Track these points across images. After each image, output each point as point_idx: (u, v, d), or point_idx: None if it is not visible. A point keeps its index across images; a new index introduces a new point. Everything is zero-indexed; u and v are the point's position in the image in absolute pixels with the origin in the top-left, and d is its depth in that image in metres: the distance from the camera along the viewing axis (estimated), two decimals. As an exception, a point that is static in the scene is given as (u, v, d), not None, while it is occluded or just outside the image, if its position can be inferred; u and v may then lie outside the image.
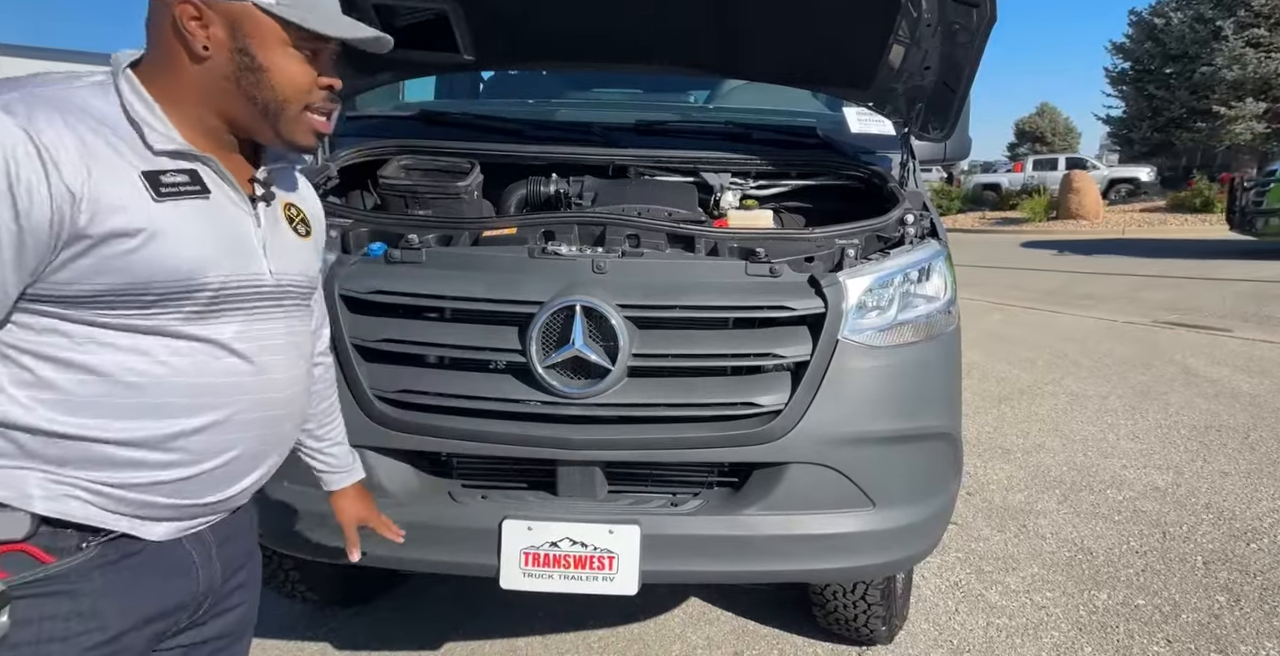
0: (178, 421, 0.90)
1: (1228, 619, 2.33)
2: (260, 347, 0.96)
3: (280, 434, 1.04)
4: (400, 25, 1.78)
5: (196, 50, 0.88)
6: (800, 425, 1.55)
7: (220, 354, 0.93)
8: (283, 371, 1.00)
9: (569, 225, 1.71)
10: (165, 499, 0.93)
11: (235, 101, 0.91)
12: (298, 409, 1.06)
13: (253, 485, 1.03)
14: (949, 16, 1.65)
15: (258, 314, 0.96)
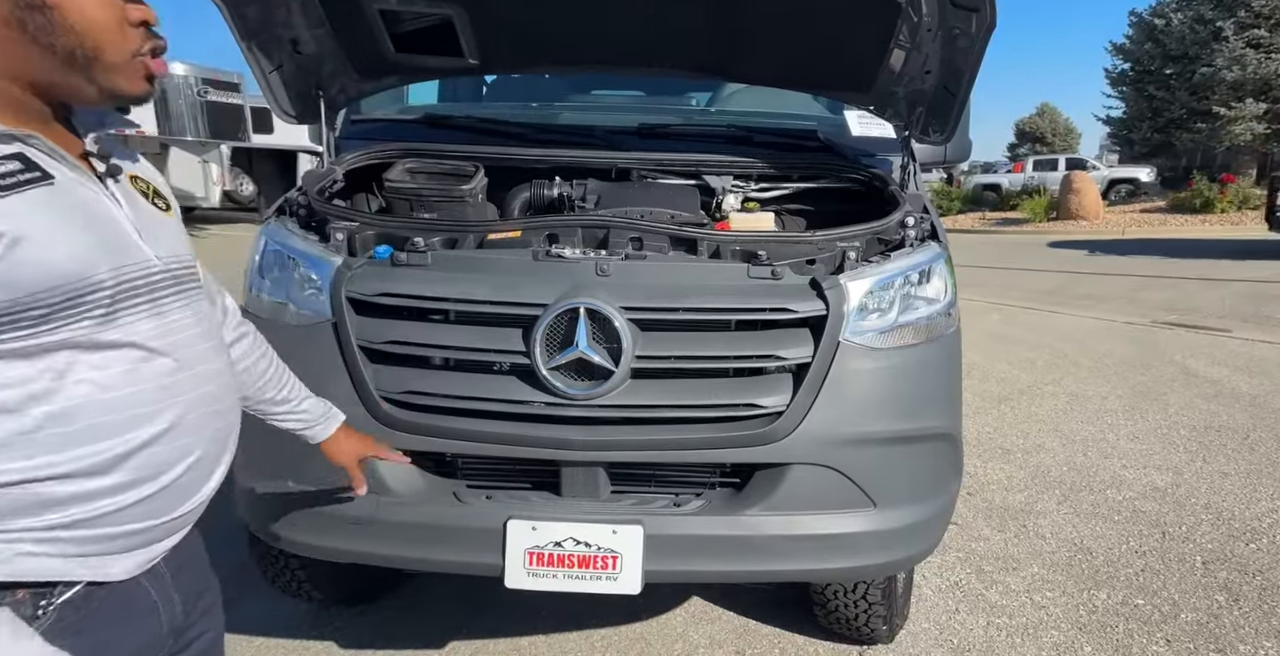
0: (123, 439, 0.82)
1: (1227, 618, 2.35)
2: (180, 341, 0.89)
3: (230, 425, 0.99)
4: (406, 31, 1.79)
5: None
6: (802, 426, 1.56)
7: (144, 356, 0.84)
8: (211, 361, 0.93)
9: (573, 228, 1.72)
10: (135, 524, 0.86)
11: (31, 57, 0.77)
12: (235, 396, 1.01)
13: (216, 486, 0.98)
14: (949, 21, 1.67)
15: (163, 306, 0.87)
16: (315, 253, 1.65)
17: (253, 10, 1.67)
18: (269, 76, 1.82)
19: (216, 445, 0.95)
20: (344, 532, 1.57)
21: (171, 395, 0.87)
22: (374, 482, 1.57)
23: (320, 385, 1.55)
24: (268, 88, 1.85)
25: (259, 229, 1.81)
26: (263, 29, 1.73)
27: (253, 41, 1.72)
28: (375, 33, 1.79)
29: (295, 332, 1.61)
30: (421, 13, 1.61)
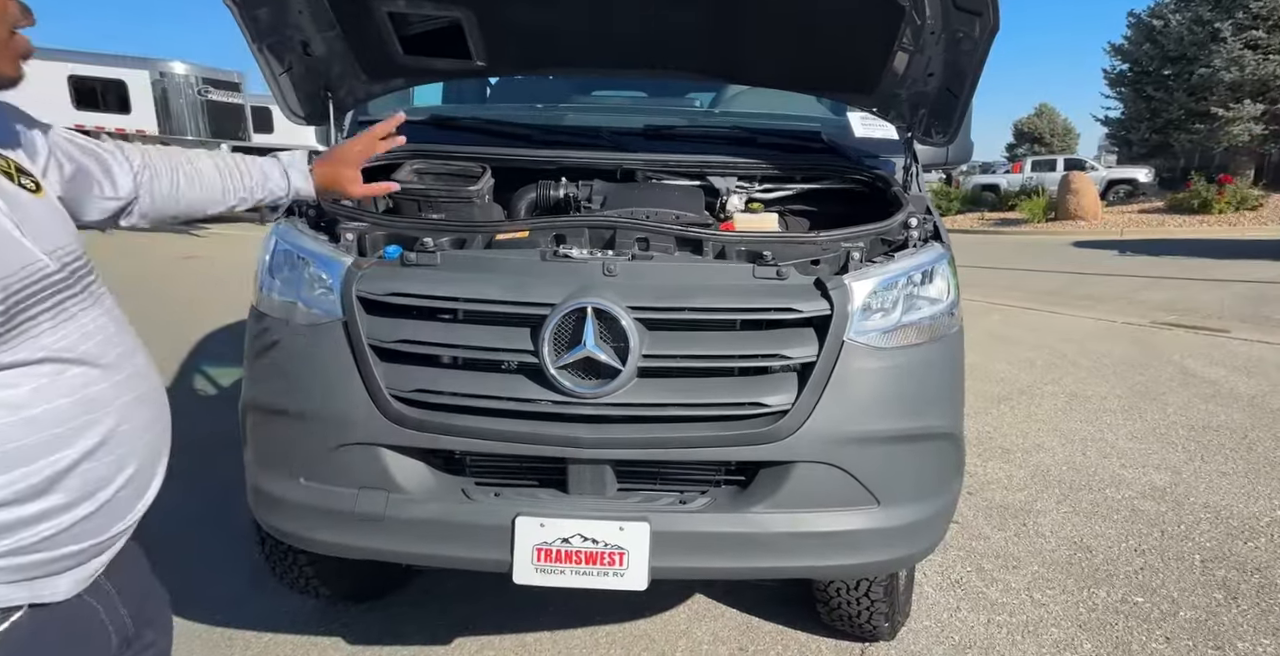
0: (51, 460, 0.77)
1: (1225, 616, 2.37)
2: (98, 345, 0.81)
3: (164, 431, 0.92)
4: (414, 33, 1.81)
5: None
6: (807, 425, 1.58)
7: (57, 369, 0.77)
8: (132, 359, 0.86)
9: (580, 228, 1.73)
10: (73, 545, 0.81)
11: None
12: (164, 397, 0.93)
13: (153, 497, 0.92)
14: (953, 24, 1.69)
15: (68, 309, 0.80)
16: (325, 252, 1.66)
17: (264, 13, 1.69)
18: (279, 78, 1.84)
19: (151, 454, 0.89)
20: (355, 529, 1.59)
21: (98, 406, 0.80)
22: (384, 479, 1.60)
23: (331, 383, 1.58)
24: (278, 89, 1.87)
25: (269, 229, 1.82)
26: (274, 31, 1.74)
27: (263, 44, 1.74)
28: (384, 35, 1.81)
29: (306, 332, 1.62)
30: (431, 15, 1.63)
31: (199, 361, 5.23)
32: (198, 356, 5.39)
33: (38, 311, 0.76)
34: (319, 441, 1.59)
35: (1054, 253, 12.88)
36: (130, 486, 0.87)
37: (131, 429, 0.85)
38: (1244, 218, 16.32)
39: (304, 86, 1.92)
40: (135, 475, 0.87)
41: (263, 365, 1.69)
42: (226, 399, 4.46)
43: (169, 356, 5.32)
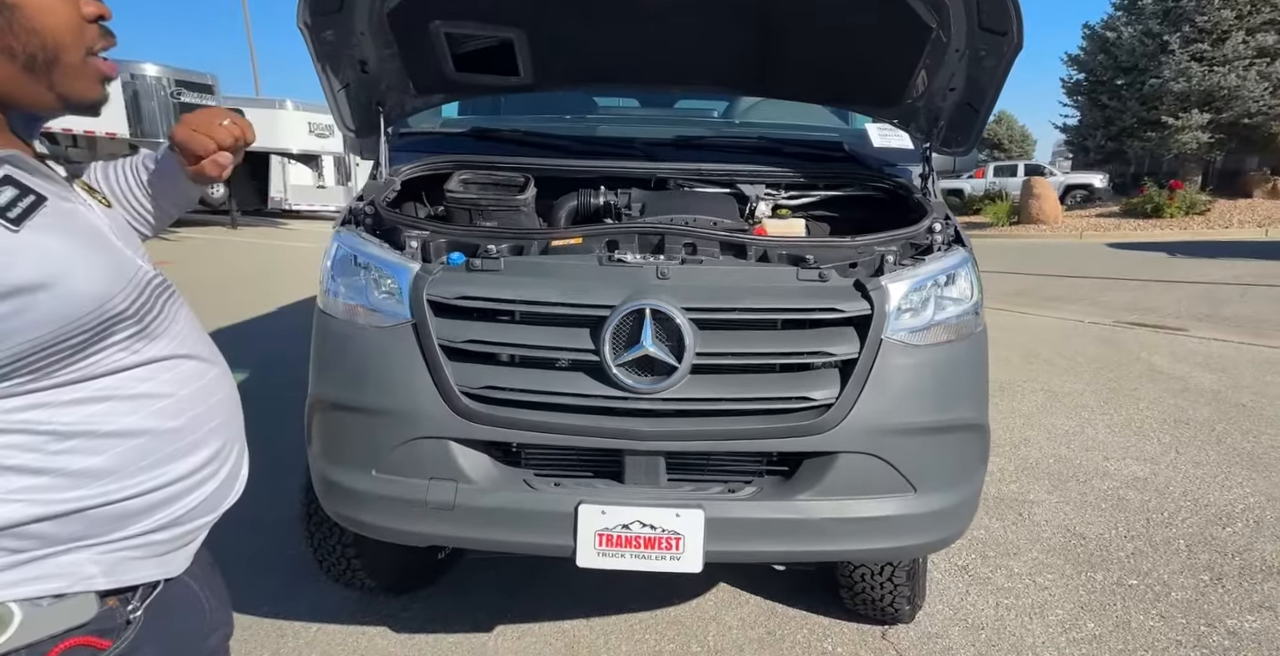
0: (192, 441, 0.86)
1: (1213, 595, 2.54)
2: (197, 342, 0.90)
3: (241, 416, 0.99)
4: (467, 51, 1.89)
5: None
6: (849, 417, 1.69)
7: (180, 363, 0.86)
8: (219, 355, 0.94)
9: (630, 235, 1.83)
10: (202, 518, 0.90)
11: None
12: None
13: (247, 475, 1.01)
14: (976, 44, 1.82)
15: (171, 310, 0.87)
16: (393, 259, 1.74)
17: (331, 35, 1.76)
18: (336, 94, 1.91)
19: (242, 436, 0.99)
20: (427, 517, 1.66)
21: (211, 392, 0.89)
22: (453, 471, 1.67)
23: (403, 381, 1.65)
24: (334, 104, 1.93)
25: (331, 236, 1.88)
26: (337, 51, 1.81)
27: (327, 63, 1.81)
28: (439, 53, 1.89)
29: (376, 333, 1.69)
30: (486, 35, 1.71)
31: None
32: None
33: (155, 313, 0.85)
34: (392, 435, 1.66)
35: (1089, 255, 12.96)
36: (237, 462, 0.95)
37: (231, 412, 0.94)
38: (1194, 221, 17.05)
39: (358, 101, 1.99)
40: (241, 453, 0.96)
41: (332, 365, 1.75)
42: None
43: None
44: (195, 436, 0.87)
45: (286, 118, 14.23)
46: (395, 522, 1.70)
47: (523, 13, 1.83)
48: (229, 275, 9.13)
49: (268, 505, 3.03)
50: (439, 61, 1.94)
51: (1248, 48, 17.52)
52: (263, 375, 4.88)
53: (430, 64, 1.94)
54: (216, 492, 0.92)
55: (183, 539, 0.89)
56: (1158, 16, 18.78)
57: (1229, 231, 16.01)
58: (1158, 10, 18.79)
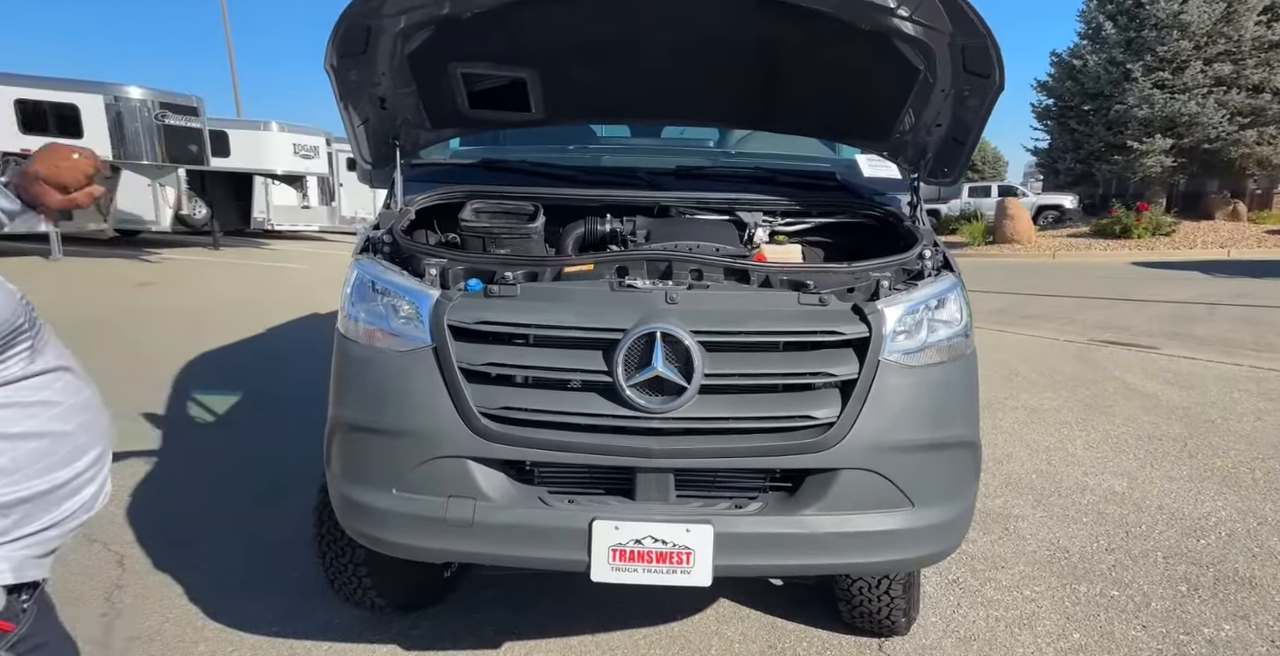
0: (80, 444, 0.97)
1: (1190, 605, 2.65)
2: (68, 356, 1.02)
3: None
4: (481, 89, 1.98)
5: None
6: (850, 435, 1.77)
7: (63, 374, 0.98)
8: (82, 368, 1.06)
9: (639, 261, 1.91)
10: (82, 516, 1.00)
11: None
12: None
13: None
14: (961, 85, 1.95)
15: (43, 327, 0.99)
16: (414, 286, 1.81)
17: (355, 75, 1.85)
18: (356, 129, 1.99)
19: (108, 443, 1.08)
20: (446, 534, 1.71)
21: (90, 402, 1.01)
22: (471, 489, 1.73)
23: (424, 402, 1.71)
24: (354, 139, 2.02)
25: (351, 263, 1.95)
26: (359, 90, 1.90)
27: (349, 101, 1.90)
28: (455, 91, 1.98)
29: (397, 357, 1.75)
30: (500, 74, 1.80)
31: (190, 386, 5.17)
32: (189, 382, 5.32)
33: (37, 329, 0.97)
34: (412, 455, 1.72)
35: (1063, 274, 13.10)
36: (107, 470, 1.05)
37: (106, 421, 1.05)
38: (1160, 242, 17.57)
39: (376, 136, 2.07)
40: (109, 461, 1.06)
41: (354, 388, 1.81)
42: (227, 426, 4.44)
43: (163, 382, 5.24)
44: (83, 440, 0.98)
45: (271, 139, 14.25)
46: (415, 539, 1.75)
47: (536, 55, 1.93)
48: (213, 296, 9.08)
49: (270, 525, 3.06)
50: (454, 98, 2.03)
51: (1205, 77, 18.22)
52: (256, 399, 4.88)
53: (446, 101, 2.04)
54: (94, 495, 1.01)
55: (63, 538, 0.98)
56: (1120, 46, 19.48)
57: (1193, 251, 16.51)
58: (1120, 40, 19.49)
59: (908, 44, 1.93)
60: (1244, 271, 13.06)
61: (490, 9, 1.86)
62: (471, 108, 2.07)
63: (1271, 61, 18.06)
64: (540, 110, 2.03)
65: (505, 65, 1.88)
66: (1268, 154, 18.85)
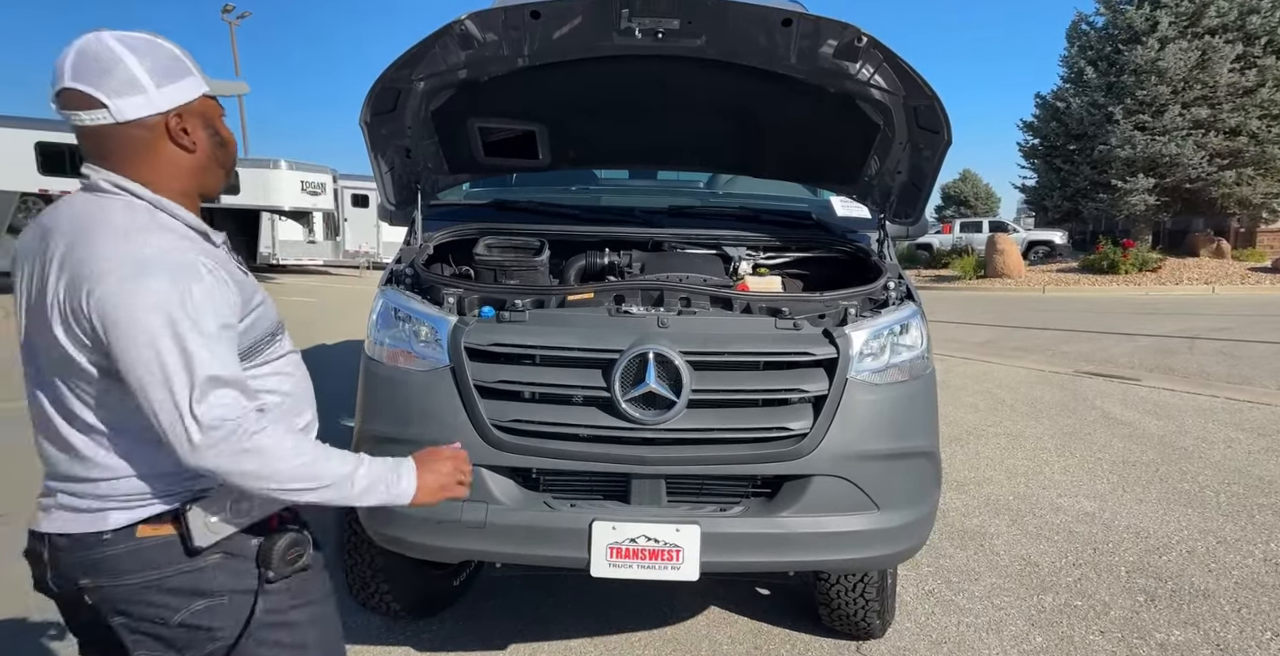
0: (308, 405, 1.30)
1: (1146, 614, 2.84)
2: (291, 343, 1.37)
3: None
4: (495, 140, 2.27)
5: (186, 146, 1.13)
6: (821, 445, 2.00)
7: (293, 356, 1.29)
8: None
9: (635, 290, 2.17)
10: None
11: (215, 175, 1.20)
12: None
13: None
14: (915, 138, 2.23)
15: (284, 327, 1.29)
16: (434, 313, 2.06)
17: (385, 130, 2.14)
18: (384, 175, 2.28)
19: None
20: (462, 535, 1.93)
21: (304, 373, 1.31)
22: (484, 494, 1.95)
23: (443, 416, 1.94)
24: (381, 185, 2.30)
25: (376, 293, 2.20)
26: (387, 142, 2.19)
27: (378, 151, 2.18)
28: (472, 142, 2.26)
29: (419, 376, 1.99)
30: (513, 128, 2.07)
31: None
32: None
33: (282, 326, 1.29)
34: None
35: (1051, 308, 13.64)
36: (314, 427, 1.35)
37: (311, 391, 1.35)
38: (1147, 278, 17.94)
39: (400, 181, 2.35)
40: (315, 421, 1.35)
41: (380, 404, 2.04)
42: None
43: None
44: (304, 402, 1.29)
45: (279, 177, 14.66)
46: (433, 540, 1.96)
47: (544, 111, 2.22)
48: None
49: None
50: (471, 148, 2.31)
51: (1184, 120, 18.81)
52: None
53: (463, 150, 2.32)
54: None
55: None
56: (1102, 89, 20.15)
57: (1179, 287, 16.86)
58: (1101, 84, 20.17)
59: (869, 104, 2.22)
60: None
61: (505, 74, 2.15)
62: (486, 156, 2.35)
63: (1247, 106, 18.67)
64: (547, 158, 2.30)
65: (517, 120, 2.16)
66: (1247, 194, 19.36)
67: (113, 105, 1.07)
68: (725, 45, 2.09)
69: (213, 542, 1.12)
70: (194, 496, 1.13)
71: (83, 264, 1.03)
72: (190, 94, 1.13)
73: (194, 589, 1.11)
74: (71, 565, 1.09)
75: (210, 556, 1.12)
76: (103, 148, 1.11)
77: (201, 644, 1.13)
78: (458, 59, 2.09)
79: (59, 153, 11.28)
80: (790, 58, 2.10)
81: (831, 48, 2.03)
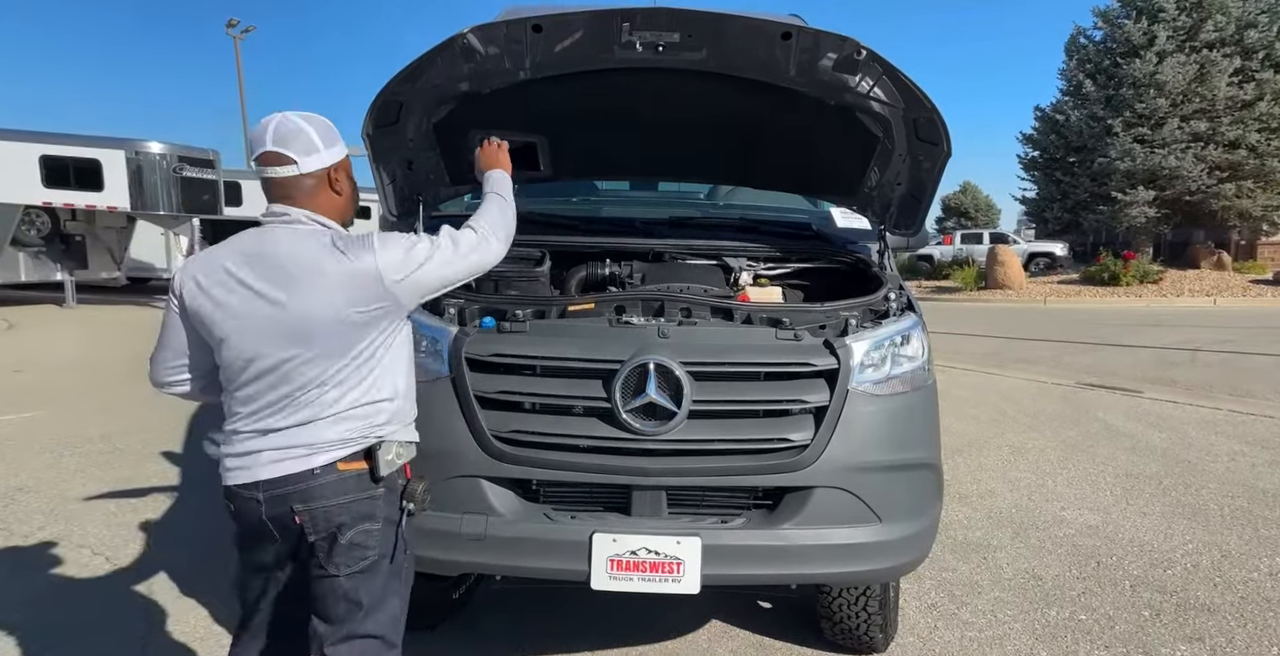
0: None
1: (1151, 629, 2.81)
2: None
3: None
4: None
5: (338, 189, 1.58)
6: (823, 457, 1.99)
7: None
8: None
9: (635, 301, 2.16)
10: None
11: (349, 206, 1.62)
12: None
13: None
14: (915, 151, 2.24)
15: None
16: (434, 323, 2.06)
17: (387, 142, 2.15)
18: (386, 187, 2.28)
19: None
20: (463, 547, 1.91)
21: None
22: (484, 505, 1.94)
23: (443, 427, 1.93)
24: (383, 195, 2.31)
25: None
26: (390, 154, 2.20)
27: (381, 163, 2.19)
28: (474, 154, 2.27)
29: (419, 387, 1.98)
30: (514, 139, 2.08)
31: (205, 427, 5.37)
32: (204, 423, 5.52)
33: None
34: (432, 474, 1.92)
35: (1051, 319, 13.67)
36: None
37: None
38: (1148, 289, 17.95)
39: (401, 192, 2.35)
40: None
41: None
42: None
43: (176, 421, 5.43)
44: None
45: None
46: (432, 552, 1.95)
47: (545, 124, 2.23)
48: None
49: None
50: (473, 160, 2.31)
51: (1183, 133, 18.90)
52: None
53: (465, 162, 2.32)
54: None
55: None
56: (1101, 102, 20.26)
57: (1180, 299, 16.86)
58: (1100, 97, 20.28)
59: (868, 116, 2.23)
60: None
61: (506, 87, 2.16)
62: None
63: (1245, 119, 18.76)
64: (549, 169, 2.31)
65: (518, 132, 2.17)
66: (1248, 206, 19.41)
67: (300, 161, 1.52)
68: (725, 58, 2.11)
69: (387, 476, 1.53)
70: (377, 442, 1.53)
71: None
72: (341, 154, 1.59)
73: (367, 513, 1.52)
74: (287, 497, 1.48)
75: (380, 488, 1.53)
76: (287, 191, 1.53)
77: (355, 560, 1.52)
78: (460, 72, 2.10)
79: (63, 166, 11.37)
80: (790, 70, 2.11)
81: (831, 61, 2.04)
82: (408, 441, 1.61)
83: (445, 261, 1.55)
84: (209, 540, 3.38)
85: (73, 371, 7.96)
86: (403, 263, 1.48)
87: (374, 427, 1.53)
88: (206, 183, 11.90)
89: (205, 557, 3.18)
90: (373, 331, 1.49)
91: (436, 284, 1.56)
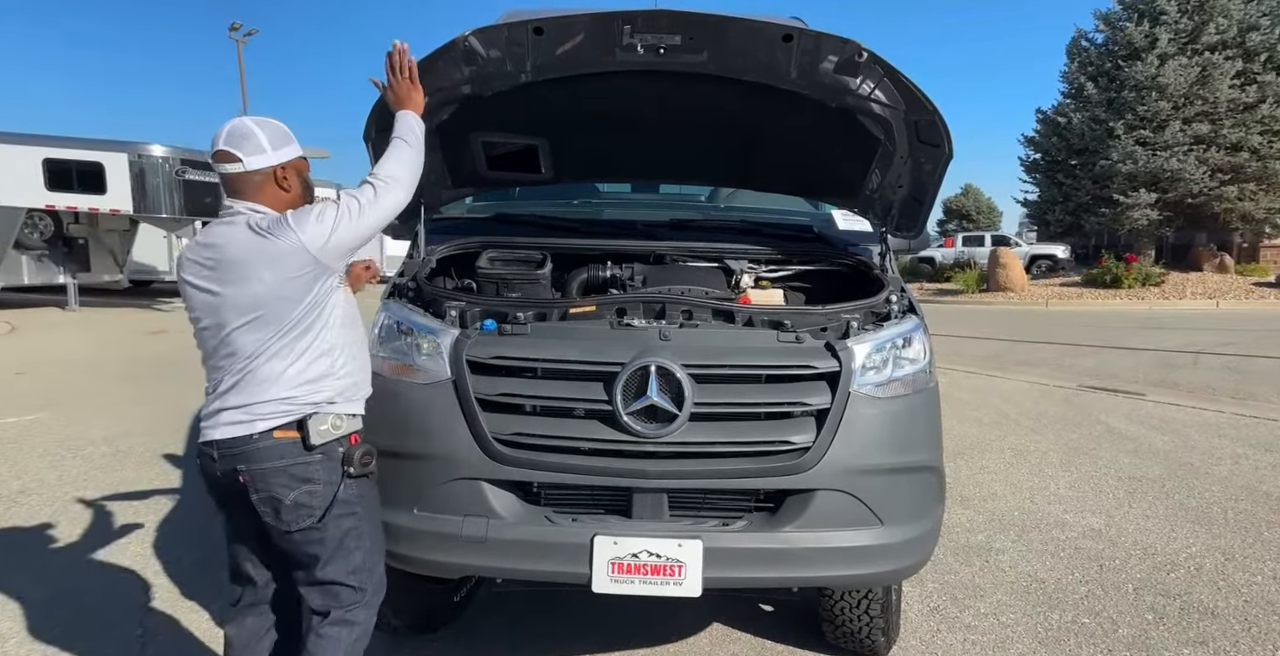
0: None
1: (1155, 633, 2.80)
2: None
3: None
4: (498, 154, 2.28)
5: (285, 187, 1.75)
6: (824, 459, 1.98)
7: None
8: None
9: (636, 303, 2.16)
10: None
11: (303, 198, 1.80)
12: None
13: None
14: (917, 154, 2.24)
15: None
16: (436, 326, 2.06)
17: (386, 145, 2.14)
18: None
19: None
20: (463, 550, 1.91)
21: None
22: (484, 508, 1.93)
23: (444, 430, 1.93)
24: None
25: (379, 306, 2.20)
26: None
27: None
28: (475, 156, 2.28)
29: (421, 390, 1.99)
30: (515, 142, 2.09)
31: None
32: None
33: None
34: (433, 477, 1.93)
35: (1052, 322, 13.65)
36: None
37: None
38: (1150, 292, 17.92)
39: None
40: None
41: (380, 416, 2.02)
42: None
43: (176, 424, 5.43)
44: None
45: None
46: (433, 555, 1.95)
47: (546, 125, 2.23)
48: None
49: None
50: (474, 162, 2.33)
51: (1185, 135, 18.88)
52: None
53: (466, 164, 2.33)
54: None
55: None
56: (1102, 105, 20.25)
57: (1183, 302, 16.83)
58: (1102, 99, 20.28)
59: (869, 118, 2.23)
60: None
61: (508, 89, 2.16)
62: (489, 170, 2.36)
63: (1247, 122, 18.75)
64: (550, 171, 2.31)
65: (520, 134, 2.17)
66: (1250, 209, 19.38)
67: (245, 160, 1.69)
68: (726, 61, 2.11)
69: (320, 444, 1.69)
70: (312, 412, 1.69)
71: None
72: (291, 155, 1.76)
73: (304, 477, 1.68)
74: (234, 457, 1.66)
75: (315, 455, 1.69)
76: (238, 186, 1.72)
77: (302, 518, 1.69)
78: (461, 75, 2.10)
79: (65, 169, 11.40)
80: (791, 73, 2.11)
81: (832, 63, 2.04)
82: (350, 414, 1.77)
83: (352, 220, 1.70)
84: (211, 542, 3.37)
85: (75, 374, 7.97)
86: (320, 232, 1.66)
87: (312, 401, 1.70)
88: (209, 185, 11.92)
89: (207, 560, 3.18)
90: (305, 297, 1.67)
91: (352, 241, 1.72)
